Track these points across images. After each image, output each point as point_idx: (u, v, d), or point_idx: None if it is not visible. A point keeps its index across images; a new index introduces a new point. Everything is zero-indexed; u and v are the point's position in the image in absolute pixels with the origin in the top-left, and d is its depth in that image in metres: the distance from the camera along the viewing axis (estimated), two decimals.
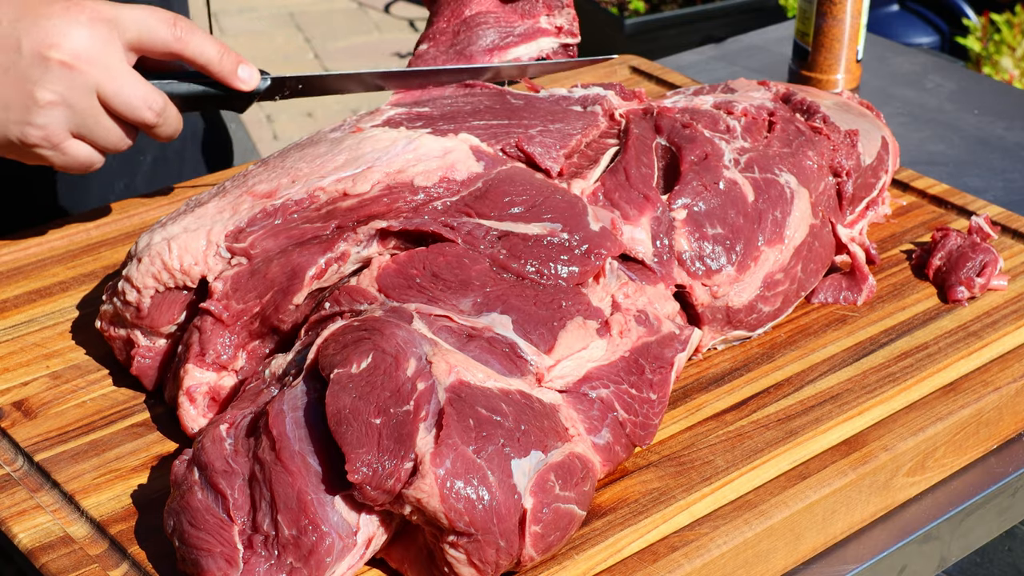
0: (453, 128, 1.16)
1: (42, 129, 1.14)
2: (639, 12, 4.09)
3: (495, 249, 1.05)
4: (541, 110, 1.22)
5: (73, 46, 1.11)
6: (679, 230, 1.12)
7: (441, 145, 1.10)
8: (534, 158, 1.15)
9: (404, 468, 0.88)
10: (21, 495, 1.00)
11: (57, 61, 1.11)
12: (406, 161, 1.08)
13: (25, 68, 1.11)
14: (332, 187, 1.06)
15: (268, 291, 1.04)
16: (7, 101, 1.12)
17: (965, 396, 1.11)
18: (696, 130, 1.19)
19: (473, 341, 0.97)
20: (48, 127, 1.13)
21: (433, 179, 1.07)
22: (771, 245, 1.15)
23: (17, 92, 1.12)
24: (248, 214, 1.06)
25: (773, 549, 1.00)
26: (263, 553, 0.88)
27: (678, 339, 1.05)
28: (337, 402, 0.90)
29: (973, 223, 1.31)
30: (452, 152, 1.10)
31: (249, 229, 1.05)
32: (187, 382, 1.04)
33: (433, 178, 1.08)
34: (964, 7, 3.68)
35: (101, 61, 1.12)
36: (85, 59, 1.12)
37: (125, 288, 1.07)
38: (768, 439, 1.05)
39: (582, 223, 1.07)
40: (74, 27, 1.11)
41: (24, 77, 1.11)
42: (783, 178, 1.18)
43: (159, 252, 1.06)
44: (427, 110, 1.20)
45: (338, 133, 1.14)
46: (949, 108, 1.79)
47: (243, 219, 1.06)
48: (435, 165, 1.08)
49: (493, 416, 0.91)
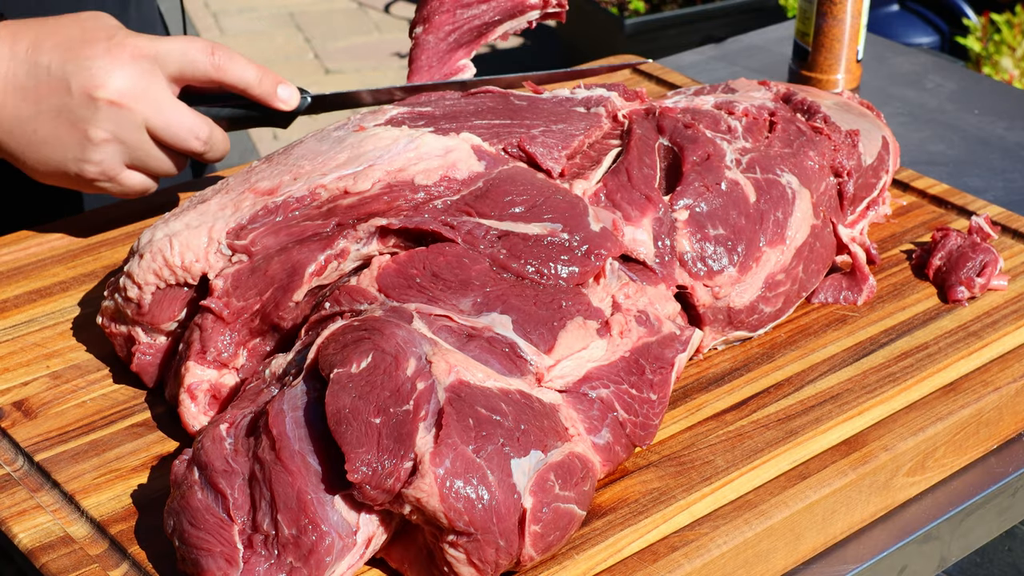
0: (455, 127, 1.16)
1: (98, 165, 1.19)
2: (639, 12, 4.09)
3: (495, 249, 1.05)
4: (544, 111, 1.22)
5: (118, 85, 1.16)
6: (681, 231, 1.12)
7: (443, 144, 1.10)
8: (536, 158, 1.15)
9: (404, 468, 0.88)
10: (21, 495, 1.00)
11: (105, 101, 1.16)
12: (407, 160, 1.08)
13: (76, 109, 1.16)
14: (333, 184, 1.06)
15: (268, 288, 1.05)
16: (64, 141, 1.18)
17: (965, 396, 1.11)
18: (698, 130, 1.19)
19: (473, 341, 0.97)
20: (104, 163, 1.19)
21: (434, 178, 1.08)
22: (773, 246, 1.15)
23: (72, 132, 1.17)
24: (250, 211, 1.06)
25: (773, 549, 1.00)
26: (263, 553, 0.88)
27: (679, 339, 1.05)
28: (337, 402, 0.90)
29: (973, 223, 1.31)
30: (453, 151, 1.10)
31: (250, 226, 1.05)
32: (188, 379, 1.04)
33: (434, 177, 1.08)
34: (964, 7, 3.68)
35: (147, 96, 1.17)
36: (131, 96, 1.16)
37: (126, 284, 1.07)
38: (768, 439, 1.05)
39: (583, 223, 1.07)
40: (118, 66, 1.16)
41: (77, 118, 1.17)
42: (785, 178, 1.18)
43: (161, 248, 1.06)
44: (430, 109, 1.20)
45: (341, 131, 1.14)
46: (949, 108, 1.79)
47: (245, 216, 1.06)
48: (436, 164, 1.08)
49: (493, 416, 0.91)
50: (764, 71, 1.86)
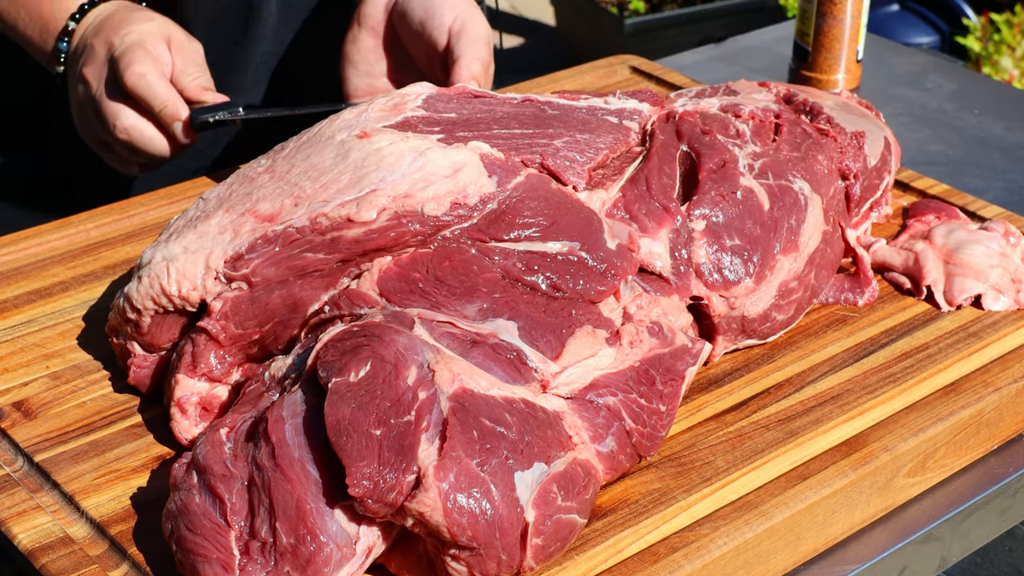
0: (472, 136, 1.10)
1: None
2: (639, 12, 4.09)
3: (510, 261, 1.03)
4: (571, 120, 1.18)
5: None
6: (697, 242, 1.11)
7: (450, 161, 1.05)
8: (559, 176, 1.10)
9: (406, 481, 0.87)
10: (21, 495, 1.00)
11: None
12: (413, 183, 1.03)
13: None
14: (335, 212, 1.02)
15: (269, 321, 1.03)
16: None
17: (965, 397, 1.11)
18: (714, 136, 1.17)
19: (476, 348, 0.96)
20: None
21: (444, 206, 1.02)
22: (786, 253, 1.14)
23: None
24: (248, 239, 1.03)
25: (773, 550, 1.00)
26: (260, 560, 0.87)
27: (690, 352, 1.05)
28: (336, 412, 0.88)
29: None
30: (462, 170, 1.04)
31: (248, 256, 1.02)
32: (178, 393, 1.03)
33: (443, 205, 1.02)
34: (964, 7, 3.68)
35: None
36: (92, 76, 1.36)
37: (126, 307, 1.05)
38: (768, 440, 1.05)
39: (599, 242, 1.05)
40: None
41: None
42: (797, 185, 1.17)
43: (158, 275, 1.04)
44: (449, 115, 1.14)
45: (344, 135, 1.09)
46: (949, 108, 1.79)
47: (243, 244, 1.02)
48: (444, 189, 1.03)
49: (497, 427, 0.90)
50: (764, 71, 1.85)
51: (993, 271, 1.22)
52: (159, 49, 1.33)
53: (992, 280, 1.21)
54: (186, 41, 1.37)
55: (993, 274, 1.21)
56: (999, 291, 1.21)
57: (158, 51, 1.33)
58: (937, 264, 1.23)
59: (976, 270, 1.21)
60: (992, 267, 1.22)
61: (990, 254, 1.23)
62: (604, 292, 1.04)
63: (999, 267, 1.22)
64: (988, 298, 1.20)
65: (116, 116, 1.33)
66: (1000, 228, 1.27)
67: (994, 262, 1.22)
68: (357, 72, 1.40)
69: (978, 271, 1.21)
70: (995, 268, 1.22)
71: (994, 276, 1.21)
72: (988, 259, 1.22)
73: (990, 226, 1.28)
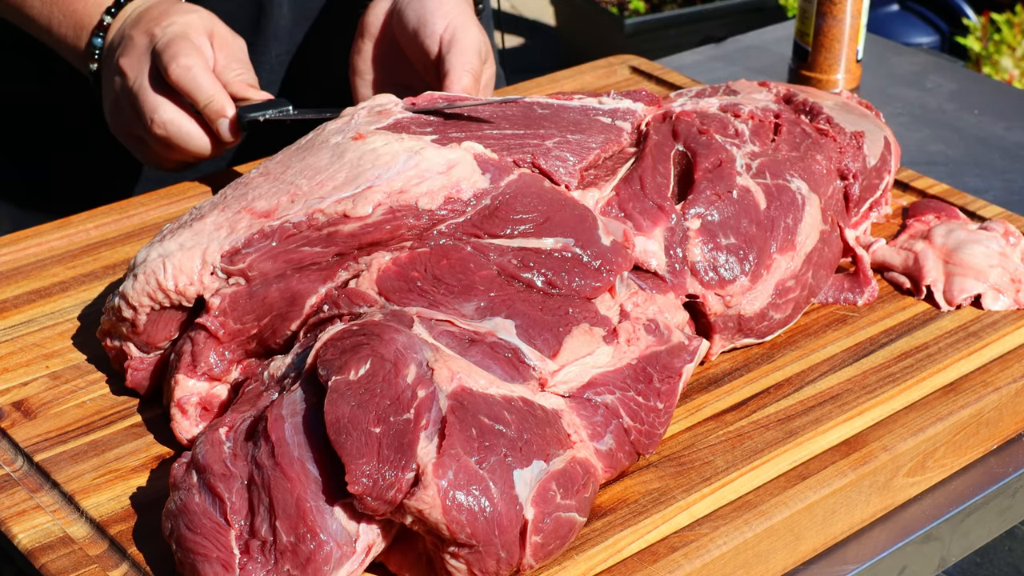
0: (464, 136, 1.12)
1: None
2: (639, 12, 4.09)
3: (505, 259, 1.03)
4: (563, 120, 1.19)
5: None
6: (693, 240, 1.11)
7: (444, 159, 1.06)
8: (551, 175, 1.11)
9: (405, 478, 0.87)
10: (21, 495, 1.00)
11: None
12: (408, 179, 1.04)
13: None
14: (331, 208, 1.03)
15: (267, 315, 1.03)
16: None
17: (965, 396, 1.11)
18: (711, 136, 1.17)
19: (475, 346, 0.97)
20: None
21: (437, 200, 1.04)
22: (783, 252, 1.15)
23: None
24: (245, 234, 1.03)
25: (773, 550, 1.00)
26: (260, 559, 0.88)
27: (687, 349, 1.05)
28: (336, 411, 0.89)
29: None
30: (456, 167, 1.06)
31: (244, 251, 1.02)
32: (177, 393, 1.03)
33: (437, 199, 1.04)
34: (964, 7, 3.68)
35: None
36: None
37: (121, 305, 1.05)
38: (768, 439, 1.05)
39: (593, 238, 1.05)
40: None
41: None
42: (794, 184, 1.17)
43: (154, 271, 1.04)
44: (441, 117, 1.16)
45: (339, 137, 1.11)
46: (949, 108, 1.79)
47: (239, 239, 1.03)
48: (439, 184, 1.04)
49: (495, 425, 0.90)
50: (764, 71, 1.86)
51: (993, 271, 1.22)
52: (202, 42, 1.30)
53: (992, 280, 1.21)
54: (229, 36, 1.33)
55: (993, 274, 1.22)
56: (999, 291, 1.21)
57: (201, 44, 1.29)
58: (937, 264, 1.23)
59: (976, 270, 1.22)
60: (992, 267, 1.22)
61: (990, 254, 1.23)
62: (599, 288, 1.04)
63: (999, 267, 1.22)
64: (988, 298, 1.21)
65: (155, 109, 1.29)
66: (1000, 228, 1.27)
67: (994, 262, 1.22)
68: (364, 82, 1.40)
69: (978, 271, 1.21)
70: (995, 268, 1.22)
71: (994, 276, 1.21)
72: (988, 259, 1.23)
73: (990, 226, 1.28)
